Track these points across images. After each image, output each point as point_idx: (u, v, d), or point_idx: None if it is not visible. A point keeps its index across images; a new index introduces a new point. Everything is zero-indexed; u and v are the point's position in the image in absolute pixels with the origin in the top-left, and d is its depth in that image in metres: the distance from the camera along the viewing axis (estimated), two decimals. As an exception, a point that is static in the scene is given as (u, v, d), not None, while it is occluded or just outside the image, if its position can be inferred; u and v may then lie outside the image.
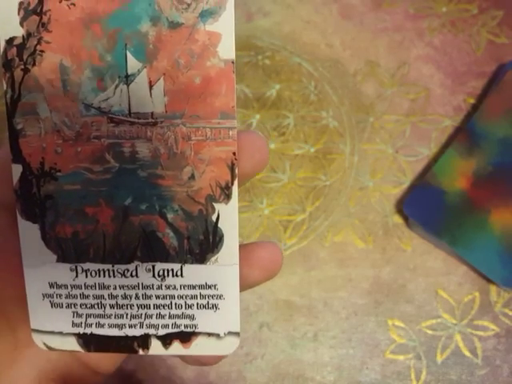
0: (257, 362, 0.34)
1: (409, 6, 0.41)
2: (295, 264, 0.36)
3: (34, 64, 0.17)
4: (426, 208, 0.35)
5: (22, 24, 0.17)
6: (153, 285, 0.18)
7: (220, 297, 0.18)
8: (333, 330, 0.35)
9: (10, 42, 0.17)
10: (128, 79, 0.17)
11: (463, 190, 0.35)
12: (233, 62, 0.17)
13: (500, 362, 0.34)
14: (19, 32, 0.17)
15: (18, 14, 0.17)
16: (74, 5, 0.17)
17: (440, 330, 0.34)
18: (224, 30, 0.17)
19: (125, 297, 0.18)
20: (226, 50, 0.17)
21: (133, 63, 0.17)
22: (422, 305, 0.35)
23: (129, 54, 0.17)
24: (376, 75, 0.40)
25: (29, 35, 0.17)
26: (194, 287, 0.18)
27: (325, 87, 0.39)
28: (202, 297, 0.18)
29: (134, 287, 0.18)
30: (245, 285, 0.19)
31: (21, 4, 0.17)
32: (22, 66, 0.17)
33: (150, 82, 0.17)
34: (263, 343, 0.34)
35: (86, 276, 0.18)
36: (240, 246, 0.18)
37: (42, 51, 0.17)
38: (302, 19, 0.41)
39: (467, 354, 0.34)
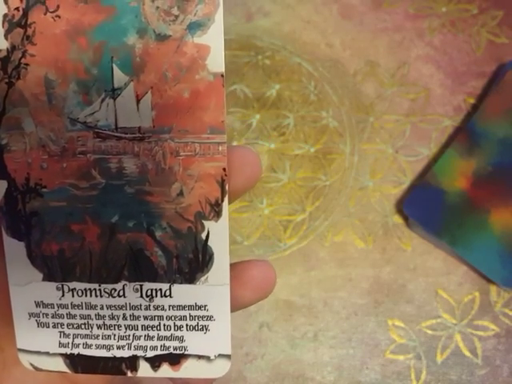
0: (257, 362, 0.34)
1: (409, 6, 0.41)
2: (295, 264, 0.36)
3: (18, 77, 0.17)
4: (426, 208, 0.35)
5: (6, 37, 0.17)
6: (141, 305, 0.18)
7: (210, 318, 0.18)
8: (333, 329, 0.35)
9: None
10: (114, 93, 0.17)
11: (463, 190, 0.35)
12: (222, 76, 0.17)
13: (500, 362, 0.34)
14: (3, 45, 0.17)
15: (3, 26, 0.17)
16: (59, 17, 0.16)
17: (440, 329, 0.34)
18: (213, 43, 0.16)
19: (112, 317, 0.18)
20: (215, 62, 0.17)
21: (119, 76, 0.17)
22: (421, 305, 0.35)
23: (115, 67, 0.17)
24: (376, 75, 0.40)
25: (13, 48, 0.17)
26: (183, 308, 0.18)
27: (325, 87, 0.39)
28: (192, 318, 0.18)
29: (122, 307, 0.18)
30: (236, 305, 0.18)
31: (5, 16, 0.16)
32: (7, 80, 0.17)
33: (137, 96, 0.17)
34: (263, 343, 0.34)
35: (73, 295, 0.18)
36: (231, 264, 0.18)
37: (26, 64, 0.17)
38: (302, 19, 0.41)
39: (467, 353, 0.34)
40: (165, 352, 0.18)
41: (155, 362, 0.18)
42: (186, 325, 0.18)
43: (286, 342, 0.34)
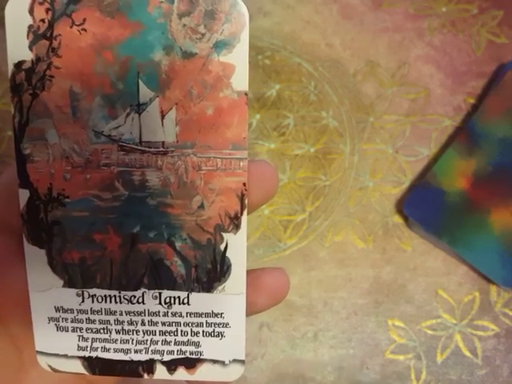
0: (257, 362, 0.34)
1: (409, 6, 0.41)
2: (295, 264, 0.36)
3: (43, 89, 0.17)
4: (425, 208, 0.35)
5: (31, 48, 0.17)
6: (159, 311, 0.18)
7: (226, 325, 0.18)
8: (333, 330, 0.35)
9: (18, 65, 0.17)
10: (140, 108, 0.17)
11: (463, 190, 0.35)
12: (246, 94, 0.17)
13: (500, 362, 0.34)
14: (28, 56, 0.17)
15: (27, 37, 0.17)
16: (85, 30, 0.17)
17: (440, 330, 0.34)
18: (238, 62, 0.17)
19: (131, 322, 0.18)
20: (240, 81, 0.17)
21: (145, 92, 0.17)
22: (421, 305, 0.35)
23: (141, 83, 0.17)
24: (376, 75, 0.40)
25: (38, 60, 0.17)
26: (200, 315, 0.18)
27: (325, 87, 0.39)
28: (208, 325, 0.18)
29: (140, 313, 0.18)
30: (251, 311, 0.19)
31: (30, 27, 0.17)
32: (31, 91, 0.17)
33: (162, 112, 0.17)
34: (263, 343, 0.34)
35: (93, 301, 0.18)
36: (247, 271, 0.18)
37: (51, 76, 0.17)
38: (302, 19, 0.41)
39: (467, 353, 0.34)
40: (181, 356, 0.19)
41: (171, 366, 0.19)
42: (203, 331, 0.18)
43: (286, 342, 0.34)
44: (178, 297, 0.18)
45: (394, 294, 0.35)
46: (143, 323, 0.18)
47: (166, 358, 0.19)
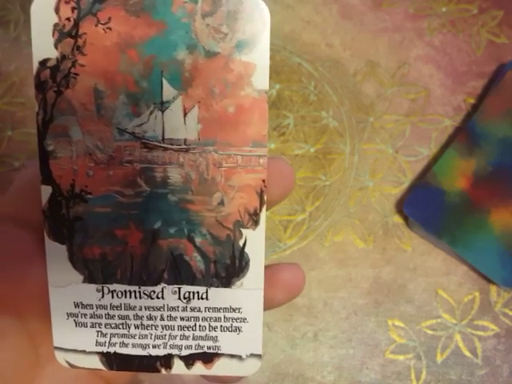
0: (257, 362, 0.34)
1: (409, 6, 0.41)
2: (295, 264, 0.36)
3: (67, 86, 0.17)
4: (426, 208, 0.35)
5: (56, 46, 0.17)
6: (178, 307, 0.19)
7: (244, 320, 0.19)
8: (333, 330, 0.35)
9: (43, 63, 0.17)
10: (163, 106, 0.17)
11: (463, 189, 0.35)
12: (266, 93, 0.17)
13: (500, 362, 0.34)
14: (53, 54, 0.17)
15: (53, 35, 0.17)
16: (110, 29, 0.17)
17: (440, 330, 0.34)
18: (259, 61, 0.17)
19: (150, 318, 0.19)
20: (261, 80, 0.17)
21: (168, 90, 0.17)
22: (421, 305, 0.35)
23: (164, 81, 0.17)
24: (376, 75, 0.40)
25: (63, 57, 0.17)
26: (218, 310, 0.19)
27: (325, 87, 0.39)
28: (226, 319, 0.19)
29: (160, 308, 0.19)
30: (268, 306, 0.19)
31: (56, 26, 0.17)
32: (55, 88, 0.17)
33: (185, 110, 0.17)
34: (263, 343, 0.34)
35: (112, 297, 0.18)
36: (264, 266, 0.19)
37: (76, 74, 0.17)
38: (302, 19, 0.41)
39: (467, 353, 0.34)
40: (199, 351, 0.19)
41: (189, 361, 0.19)
42: (221, 326, 0.19)
43: (286, 342, 0.34)
44: (197, 292, 0.18)
45: (394, 294, 0.35)
46: (162, 318, 0.19)
47: (184, 352, 0.19)
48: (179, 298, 0.18)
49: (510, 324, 0.34)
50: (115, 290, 0.18)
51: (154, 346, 0.19)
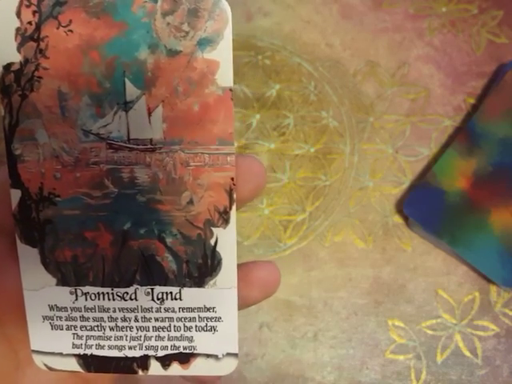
0: (257, 362, 0.34)
1: (409, 6, 0.41)
2: (295, 264, 0.36)
3: (31, 90, 0.17)
4: (426, 208, 0.35)
5: (19, 50, 0.17)
6: (152, 308, 0.18)
7: (218, 319, 0.19)
8: (333, 329, 0.35)
9: (7, 67, 0.17)
10: (127, 106, 0.17)
11: (463, 189, 0.35)
12: (231, 90, 0.17)
13: (500, 362, 0.34)
14: (17, 58, 0.17)
15: (15, 39, 0.17)
16: (71, 31, 0.17)
17: (440, 330, 0.34)
18: (222, 58, 0.17)
19: (124, 319, 0.19)
20: (224, 77, 0.17)
21: (131, 90, 0.17)
22: (422, 305, 0.35)
23: (127, 81, 0.17)
24: (376, 75, 0.40)
25: (26, 61, 0.17)
26: (192, 310, 0.19)
27: (325, 87, 0.39)
28: (201, 319, 0.19)
29: (134, 310, 0.18)
30: (243, 304, 0.19)
31: (18, 30, 0.17)
32: (20, 92, 0.17)
33: (149, 109, 0.17)
34: (263, 343, 0.34)
35: (86, 299, 0.18)
36: (238, 265, 0.19)
37: (39, 77, 0.17)
38: (302, 19, 0.41)
39: (467, 353, 0.34)
40: (175, 351, 0.19)
41: (165, 361, 0.19)
42: (195, 326, 0.19)
43: (286, 342, 0.34)
44: (170, 292, 0.18)
45: (394, 294, 0.35)
46: (136, 319, 0.19)
47: (160, 353, 0.19)
48: (152, 299, 0.18)
49: (510, 324, 0.34)
50: (88, 293, 0.18)
51: (129, 348, 0.19)
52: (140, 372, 0.19)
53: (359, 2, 0.41)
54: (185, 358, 0.19)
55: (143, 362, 0.19)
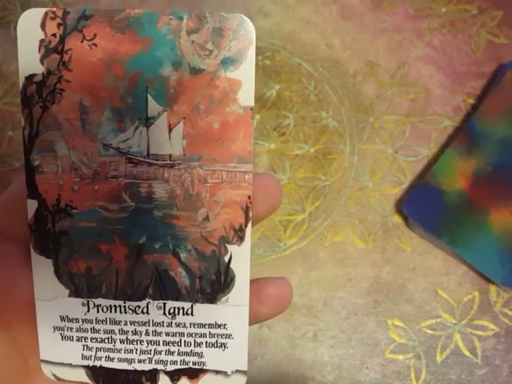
0: (257, 362, 0.34)
1: (409, 6, 0.41)
2: (295, 264, 0.36)
3: (53, 102, 0.17)
4: (425, 208, 0.35)
5: (42, 62, 0.17)
6: (163, 322, 0.19)
7: (229, 336, 0.19)
8: (333, 329, 0.35)
9: (29, 78, 0.17)
10: (148, 121, 0.17)
11: (463, 190, 0.35)
12: (251, 109, 0.17)
13: (500, 362, 0.34)
14: (39, 69, 0.17)
15: (39, 51, 0.17)
16: (95, 45, 0.17)
17: (440, 329, 0.34)
18: (244, 78, 0.17)
19: (135, 332, 0.19)
20: (246, 96, 0.17)
21: (153, 106, 0.17)
22: (421, 305, 0.35)
23: (150, 97, 0.17)
24: (376, 75, 0.40)
25: (49, 73, 0.17)
26: (203, 326, 0.19)
27: (325, 87, 0.40)
28: (211, 335, 0.19)
29: (145, 323, 0.19)
30: (254, 320, 0.19)
31: (42, 42, 0.17)
32: (41, 104, 0.17)
33: (170, 126, 0.17)
34: (263, 343, 0.34)
35: (98, 311, 0.18)
36: (250, 281, 0.19)
37: (61, 89, 0.17)
38: (302, 19, 0.41)
39: (467, 353, 0.34)
40: (184, 366, 0.19)
41: (174, 376, 0.19)
42: (206, 342, 0.19)
43: (286, 342, 0.35)
44: (182, 307, 0.18)
45: (394, 293, 0.35)
46: (147, 333, 0.19)
47: (170, 368, 0.19)
48: (164, 314, 0.18)
49: (510, 324, 0.34)
50: (100, 305, 0.18)
51: (139, 361, 0.19)
52: None
53: (359, 3, 0.41)
54: (194, 374, 0.19)
55: (152, 375, 0.19)
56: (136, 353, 0.19)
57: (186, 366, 0.19)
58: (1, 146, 0.38)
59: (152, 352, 0.19)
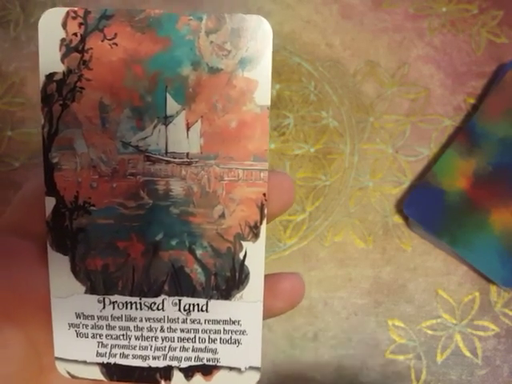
0: (257, 362, 0.34)
1: (409, 6, 0.41)
2: (295, 264, 0.36)
3: (73, 100, 0.17)
4: (426, 208, 0.35)
5: (62, 60, 0.17)
6: (178, 318, 0.19)
7: (243, 332, 0.19)
8: (333, 329, 0.35)
9: (49, 77, 0.17)
10: (166, 120, 0.18)
11: (463, 190, 0.35)
12: (268, 108, 0.18)
13: (500, 362, 0.34)
14: (60, 68, 0.17)
15: (60, 50, 0.17)
16: (116, 45, 0.17)
17: (440, 330, 0.34)
18: (261, 77, 0.17)
19: (150, 329, 0.19)
20: (263, 96, 0.18)
21: (172, 105, 0.18)
22: (422, 305, 0.35)
23: (169, 96, 0.18)
24: (376, 75, 0.40)
25: (69, 72, 0.17)
26: (218, 322, 0.19)
27: (325, 87, 0.39)
28: (226, 332, 0.19)
29: (160, 320, 0.19)
30: (268, 315, 0.19)
31: (62, 41, 0.17)
32: (61, 102, 0.18)
33: (188, 124, 0.18)
34: (263, 343, 0.34)
35: (114, 308, 0.19)
36: (264, 276, 0.19)
37: (81, 88, 0.17)
38: (302, 19, 0.41)
39: (467, 354, 0.34)
40: (198, 363, 0.19)
41: (189, 372, 0.19)
42: (220, 338, 0.19)
43: (285, 342, 0.34)
44: (197, 304, 0.19)
45: (394, 294, 0.35)
46: (162, 330, 0.19)
47: (184, 364, 0.19)
48: (179, 310, 0.19)
49: (510, 324, 0.34)
50: (116, 302, 0.19)
51: (153, 358, 0.19)
52: (162, 382, 0.19)
53: (359, 2, 0.41)
54: (208, 370, 0.19)
55: (166, 372, 0.19)
56: (151, 349, 0.19)
57: (200, 363, 0.19)
58: (0, 146, 0.38)
59: (166, 349, 0.19)
